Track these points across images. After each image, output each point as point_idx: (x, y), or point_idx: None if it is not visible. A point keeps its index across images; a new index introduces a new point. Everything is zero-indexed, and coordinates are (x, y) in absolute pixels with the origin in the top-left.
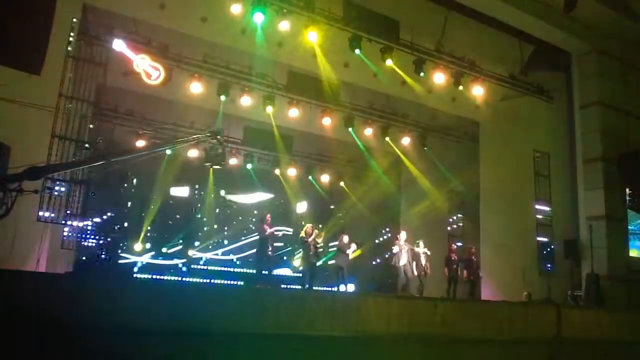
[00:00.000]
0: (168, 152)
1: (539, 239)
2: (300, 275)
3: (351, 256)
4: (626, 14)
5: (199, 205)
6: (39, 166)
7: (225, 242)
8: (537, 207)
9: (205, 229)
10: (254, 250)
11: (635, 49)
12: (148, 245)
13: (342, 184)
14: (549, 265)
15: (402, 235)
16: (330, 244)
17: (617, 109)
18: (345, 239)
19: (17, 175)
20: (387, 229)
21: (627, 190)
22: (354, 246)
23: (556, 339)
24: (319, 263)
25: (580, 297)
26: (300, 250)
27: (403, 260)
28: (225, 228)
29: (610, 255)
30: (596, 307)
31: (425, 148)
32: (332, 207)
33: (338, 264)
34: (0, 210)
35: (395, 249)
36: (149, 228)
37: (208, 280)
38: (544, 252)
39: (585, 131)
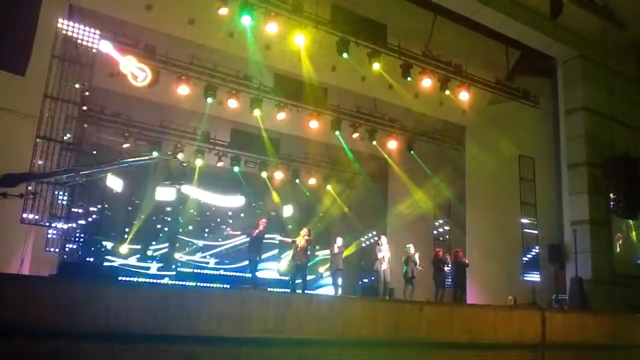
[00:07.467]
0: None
1: (524, 243)
2: (287, 278)
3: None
4: (611, 21)
5: (184, 207)
6: (15, 174)
7: (211, 244)
8: (523, 211)
9: (190, 231)
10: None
11: (620, 55)
12: (133, 248)
13: (328, 187)
14: (534, 270)
15: (383, 240)
16: (317, 247)
17: (602, 115)
18: (339, 241)
19: None
20: (374, 233)
21: (611, 195)
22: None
23: (541, 342)
24: (308, 265)
25: (565, 301)
26: (287, 253)
27: (384, 265)
28: (207, 231)
29: (595, 259)
30: (580, 310)
31: (412, 152)
32: (318, 210)
33: (338, 267)
34: None
35: (379, 254)
36: (134, 230)
37: (194, 283)
38: (529, 256)
39: (570, 136)
